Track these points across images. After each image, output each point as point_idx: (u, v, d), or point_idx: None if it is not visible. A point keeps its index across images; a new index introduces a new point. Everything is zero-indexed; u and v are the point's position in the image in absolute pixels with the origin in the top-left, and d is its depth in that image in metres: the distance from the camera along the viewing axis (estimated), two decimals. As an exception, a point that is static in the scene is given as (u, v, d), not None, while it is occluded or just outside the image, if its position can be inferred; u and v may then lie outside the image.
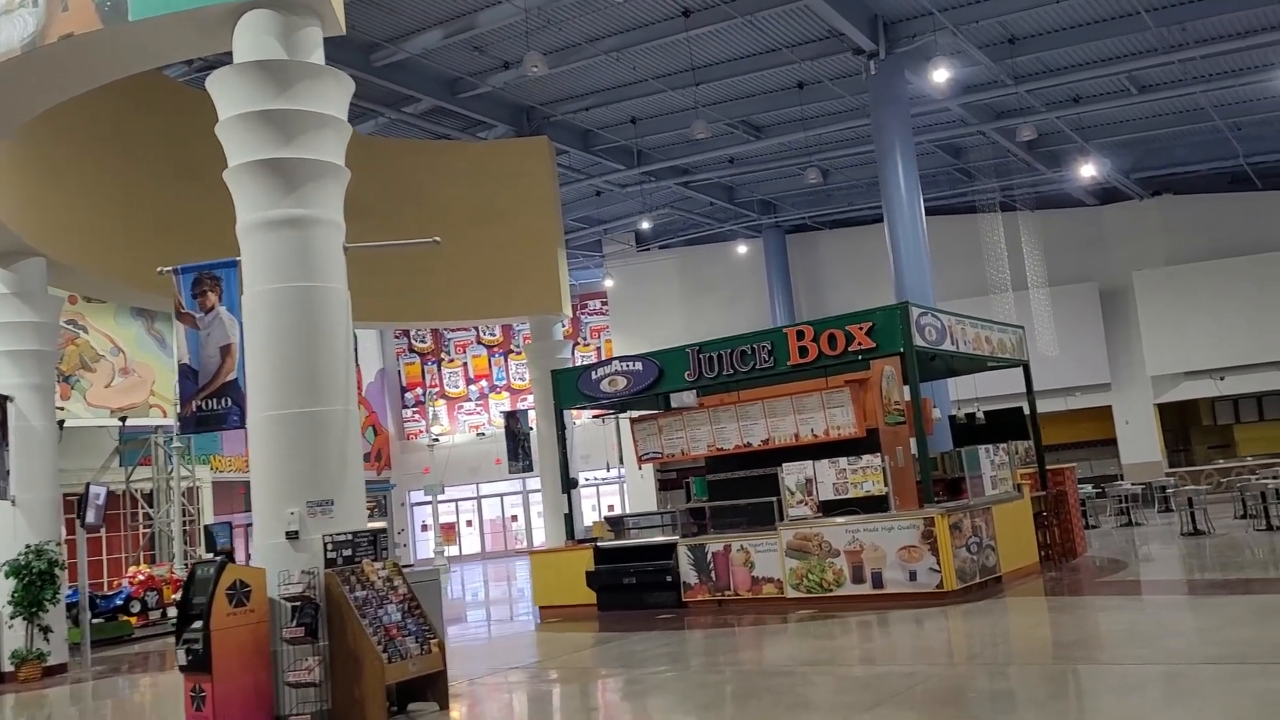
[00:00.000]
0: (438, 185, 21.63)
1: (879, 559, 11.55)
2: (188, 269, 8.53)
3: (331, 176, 8.40)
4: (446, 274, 21.48)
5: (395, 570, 8.25)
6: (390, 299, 21.25)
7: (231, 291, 8.40)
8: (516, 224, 21.92)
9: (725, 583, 12.61)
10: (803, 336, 12.58)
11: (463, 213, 21.83)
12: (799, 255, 30.88)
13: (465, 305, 22.18)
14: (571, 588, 13.89)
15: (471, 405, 37.06)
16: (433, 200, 21.62)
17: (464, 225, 21.78)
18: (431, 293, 21.53)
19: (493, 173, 21.87)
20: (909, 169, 18.30)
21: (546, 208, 22.22)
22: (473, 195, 21.85)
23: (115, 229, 15.19)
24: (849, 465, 12.09)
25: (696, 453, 14.06)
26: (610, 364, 14.27)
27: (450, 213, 21.77)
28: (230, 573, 7.58)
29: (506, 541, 36.48)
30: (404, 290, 21.27)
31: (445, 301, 21.86)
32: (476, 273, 21.64)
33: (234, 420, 8.30)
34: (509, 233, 21.86)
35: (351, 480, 8.18)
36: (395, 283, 21.09)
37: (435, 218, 21.66)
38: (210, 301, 8.46)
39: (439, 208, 21.68)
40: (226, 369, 8.36)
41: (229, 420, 8.33)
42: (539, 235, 22.08)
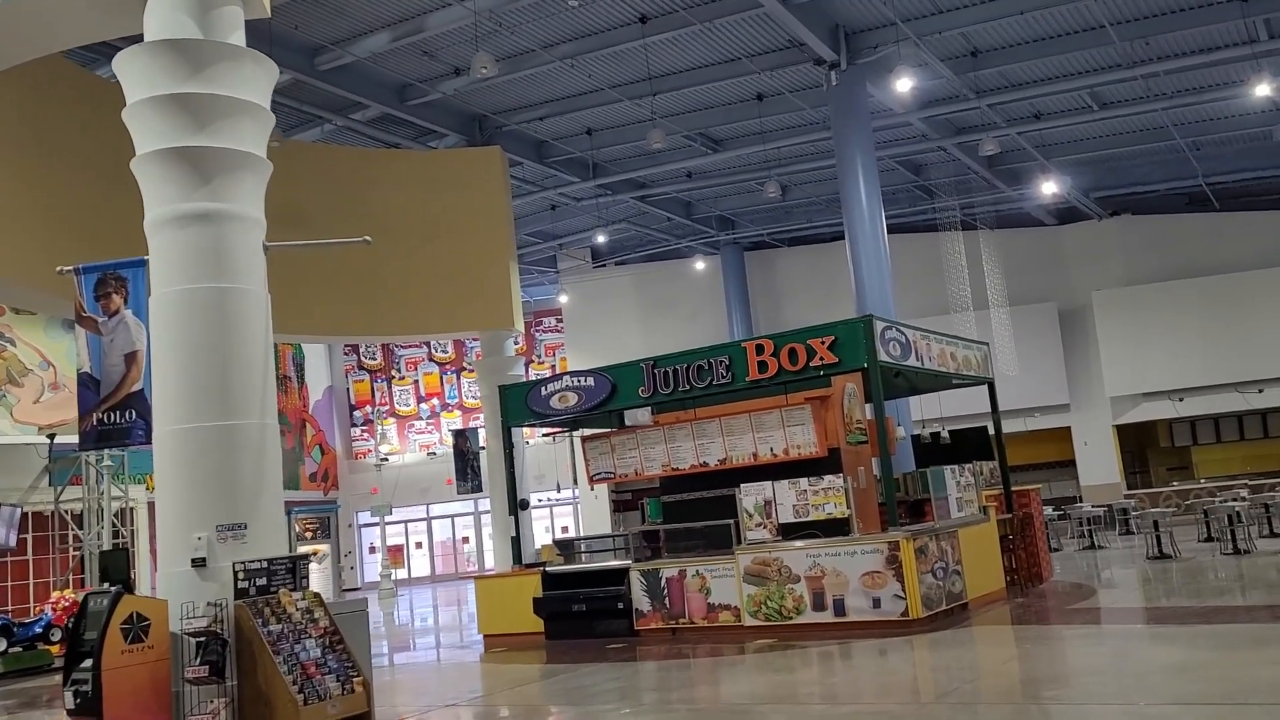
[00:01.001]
0: (385, 195, 20.91)
1: (841, 585, 10.95)
2: (90, 268, 7.76)
3: (250, 168, 7.69)
4: (395, 287, 20.75)
5: (316, 601, 7.50)
6: (336, 312, 20.48)
7: (139, 293, 7.65)
8: (467, 236, 21.25)
9: (680, 610, 11.96)
10: (762, 351, 12.00)
11: (412, 224, 21.13)
12: (758, 273, 30.46)
13: (414, 320, 21.43)
14: (518, 615, 13.16)
15: (422, 424, 36.15)
16: (380, 210, 20.87)
17: (413, 237, 21.08)
18: (379, 306, 20.78)
19: (443, 183, 21.21)
20: (870, 181, 17.88)
21: (499, 219, 21.58)
22: (422, 206, 21.17)
23: (35, 234, 14.30)
24: (810, 486, 11.50)
25: (651, 473, 13.41)
26: (561, 379, 13.59)
27: (399, 223, 21.05)
28: (126, 604, 6.79)
29: (458, 564, 35.57)
30: (351, 303, 20.51)
31: (394, 316, 21.10)
32: (426, 286, 20.93)
33: (139, 435, 7.53)
34: (460, 245, 21.18)
35: (268, 502, 7.43)
36: (342, 296, 20.34)
37: (382, 228, 20.87)
38: (115, 304, 7.70)
39: (386, 218, 20.94)
40: (131, 378, 7.59)
41: (133, 435, 7.55)
42: (491, 248, 21.42)
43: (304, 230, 20.57)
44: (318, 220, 20.38)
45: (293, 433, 35.24)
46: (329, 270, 20.22)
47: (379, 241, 20.93)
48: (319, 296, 20.11)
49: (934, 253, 26.03)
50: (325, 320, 20.58)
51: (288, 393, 35.18)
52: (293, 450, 35.02)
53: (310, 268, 20.01)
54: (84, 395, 7.72)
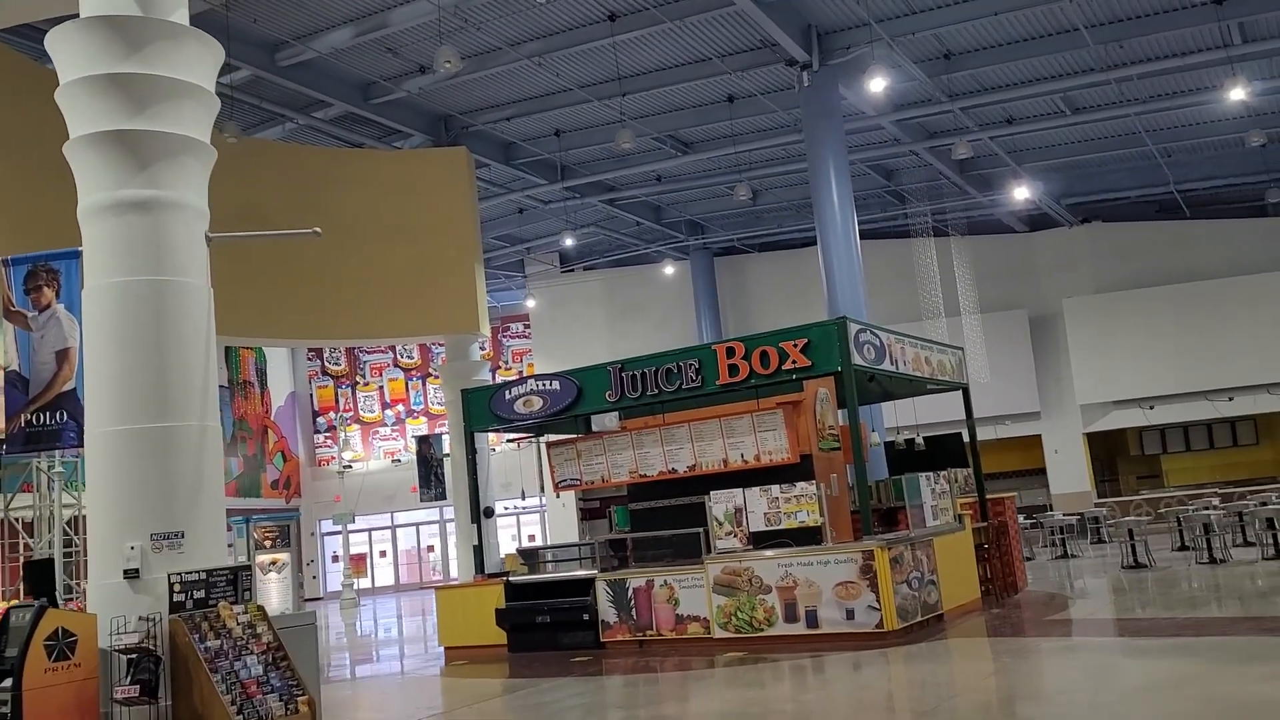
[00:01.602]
0: (348, 195, 20.44)
1: (814, 596, 10.60)
2: (19, 260, 7.28)
3: (192, 154, 7.23)
4: (358, 290, 20.27)
5: (259, 615, 7.04)
6: (297, 315, 19.97)
7: (72, 287, 7.18)
8: (433, 238, 20.82)
9: (647, 621, 11.56)
10: (733, 354, 11.64)
11: (376, 225, 20.67)
12: (727, 278, 30.17)
13: (378, 323, 20.95)
14: (480, 627, 12.72)
15: (387, 431, 35.54)
16: (343, 211, 20.40)
17: (377, 238, 20.61)
18: (342, 309, 20.28)
19: (408, 184, 20.77)
20: (843, 184, 17.61)
21: (464, 221, 21.15)
22: (386, 207, 20.71)
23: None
24: (782, 494, 11.15)
25: (618, 479, 13.01)
26: (525, 383, 13.17)
27: (362, 225, 20.59)
28: (51, 619, 6.30)
29: (422, 574, 34.97)
30: (312, 306, 20.01)
31: (356, 319, 20.61)
32: (390, 289, 20.47)
33: (70, 438, 7.05)
34: (425, 247, 20.74)
35: (208, 509, 6.97)
36: (303, 298, 19.84)
37: (346, 230, 20.46)
38: (46, 298, 7.22)
39: (350, 219, 20.48)
40: (63, 377, 7.11)
41: (64, 438, 7.07)
42: (456, 250, 20.99)
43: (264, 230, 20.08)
44: (278, 220, 19.86)
45: (254, 439, 34.52)
46: (290, 272, 19.71)
47: (341, 243, 20.66)
48: (279, 299, 19.60)
49: (905, 259, 25.84)
50: (285, 323, 20.05)
51: (249, 398, 34.48)
52: (254, 457, 34.32)
53: (271, 269, 19.50)
54: (11, 395, 7.22)
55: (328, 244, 20.56)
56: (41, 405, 7.15)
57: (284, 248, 19.74)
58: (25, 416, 7.13)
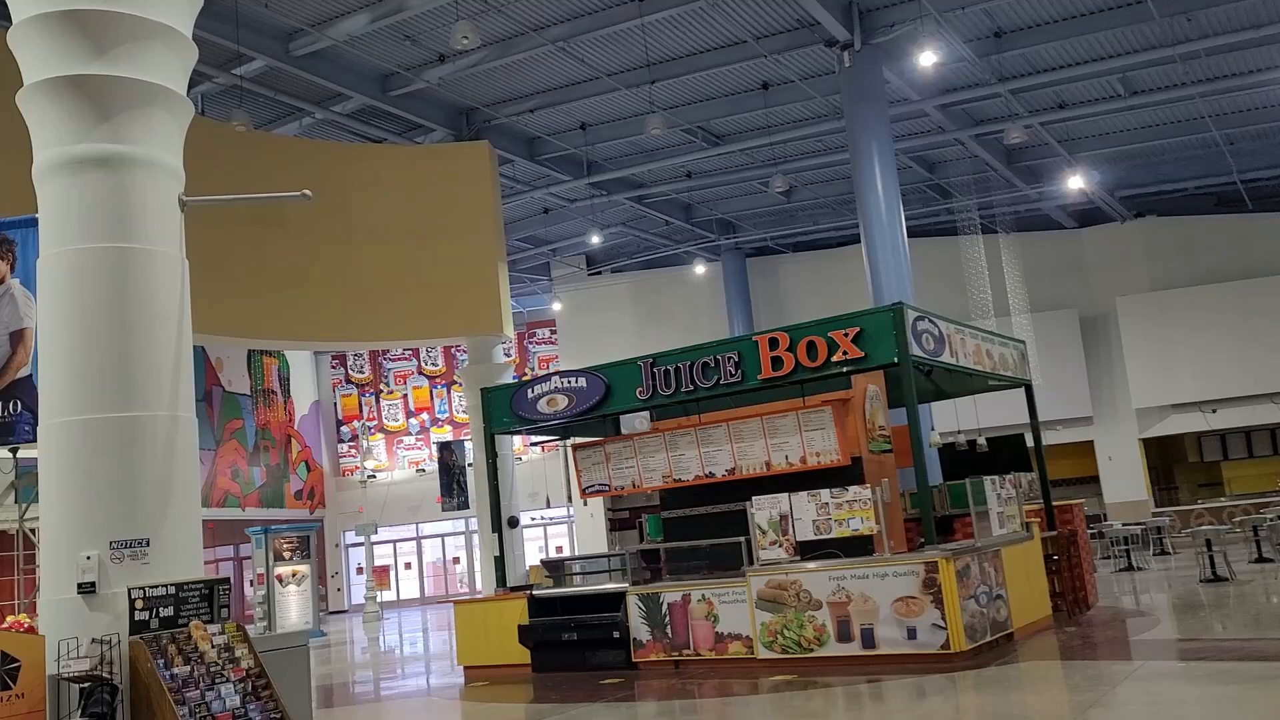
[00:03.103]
0: (368, 193, 19.58)
1: (870, 612, 9.52)
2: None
3: (162, 105, 6.30)
4: (377, 291, 19.40)
5: (238, 636, 6.06)
6: (316, 318, 19.12)
7: (29, 259, 6.27)
8: (454, 236, 19.92)
9: (684, 640, 10.52)
10: (776, 345, 10.61)
11: (395, 224, 19.80)
12: (760, 280, 29.10)
13: (398, 325, 20.05)
14: (502, 645, 11.73)
15: (411, 440, 34.72)
16: (362, 209, 19.56)
17: (397, 237, 19.75)
18: (361, 312, 19.41)
19: (429, 179, 19.89)
20: (887, 172, 16.53)
21: (487, 218, 20.24)
22: (407, 204, 19.84)
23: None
24: (833, 499, 10.08)
25: (650, 484, 11.99)
26: (549, 380, 12.19)
27: (382, 223, 19.73)
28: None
29: (448, 586, 34.11)
30: (331, 309, 19.16)
31: (376, 321, 19.73)
32: (410, 290, 19.58)
33: (25, 431, 6.14)
34: (446, 246, 19.84)
35: (179, 513, 6.01)
36: (320, 300, 18.99)
37: (364, 228, 19.63)
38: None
39: (368, 217, 19.63)
40: (17, 362, 6.20)
41: (18, 431, 6.15)
42: (479, 248, 20.07)
43: (281, 229, 19.30)
44: (295, 219, 19.07)
45: (277, 448, 33.82)
46: (309, 274, 18.89)
47: (361, 243, 19.78)
48: (297, 301, 18.76)
49: (949, 257, 24.68)
50: (303, 326, 19.20)
51: (272, 407, 33.80)
52: (277, 467, 33.60)
53: (289, 271, 18.69)
54: (-41, 383, 6.32)
55: (347, 244, 19.84)
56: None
57: (299, 246, 18.93)
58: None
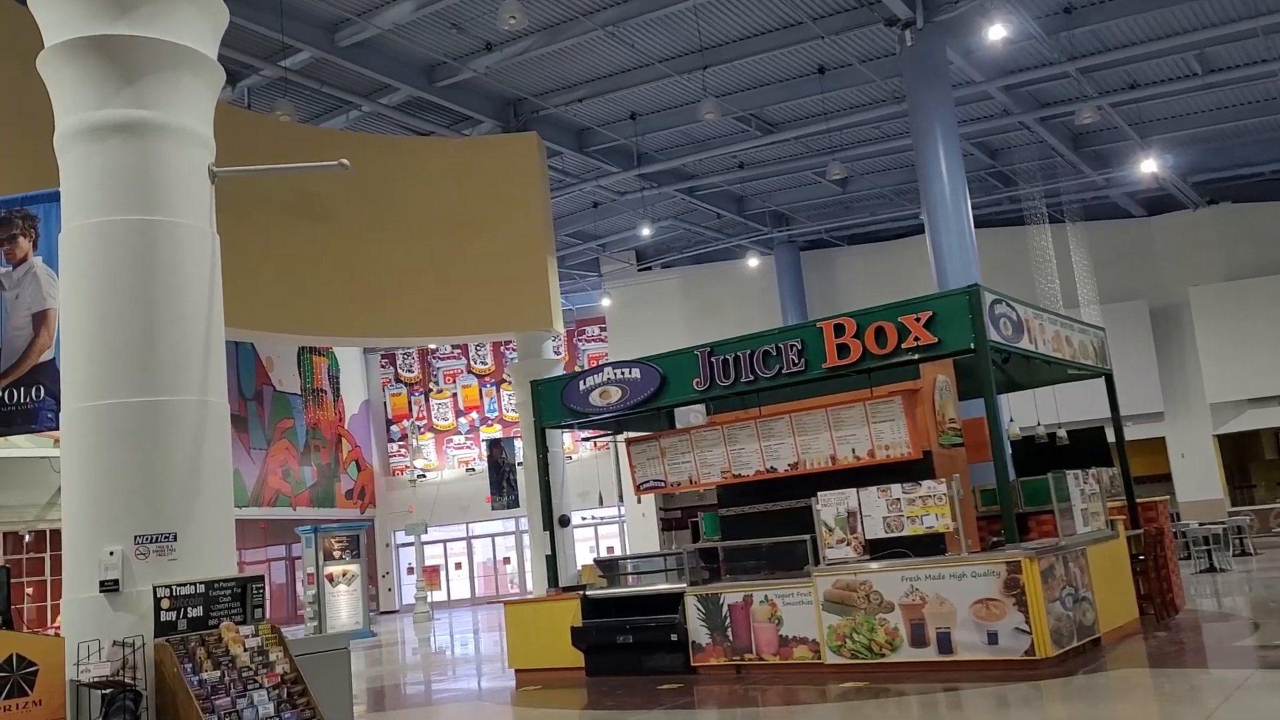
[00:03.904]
0: (414, 187, 19.26)
1: (947, 615, 8.89)
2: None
3: (189, 69, 5.87)
4: (424, 286, 19.05)
5: (273, 638, 5.62)
6: (363, 313, 18.82)
7: (52, 236, 5.88)
8: (503, 229, 19.52)
9: (745, 643, 9.96)
10: (842, 332, 10.00)
11: (443, 217, 19.46)
12: (815, 274, 28.37)
13: (446, 320, 19.70)
14: (554, 647, 11.25)
15: (461, 439, 34.48)
16: (409, 203, 19.24)
17: (444, 231, 19.40)
18: (409, 307, 19.09)
19: (476, 172, 19.51)
20: (952, 157, 15.83)
21: (536, 211, 19.81)
22: (454, 197, 19.49)
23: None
24: (905, 494, 9.46)
25: (708, 480, 11.45)
26: (601, 371, 11.69)
27: (429, 217, 19.40)
28: (1, 644, 4.94)
29: (499, 586, 33.82)
30: (378, 304, 18.86)
31: (424, 316, 19.39)
32: (458, 285, 19.21)
33: (47, 418, 5.74)
34: (495, 239, 19.45)
35: (208, 505, 5.58)
36: (367, 294, 18.69)
37: (411, 222, 19.31)
38: (21, 250, 5.93)
39: (416, 211, 19.31)
40: (40, 345, 5.81)
41: (40, 417, 5.77)
42: (527, 242, 19.65)
43: (327, 222, 19.04)
44: (342, 213, 18.80)
45: (328, 448, 33.76)
46: (354, 268, 18.60)
47: (408, 237, 19.43)
48: (343, 296, 18.47)
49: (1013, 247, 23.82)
50: (351, 322, 18.92)
51: (322, 406, 33.75)
52: (328, 466, 33.54)
53: (336, 266, 18.41)
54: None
55: (395, 238, 19.53)
56: (14, 380, 5.87)
57: (345, 241, 18.64)
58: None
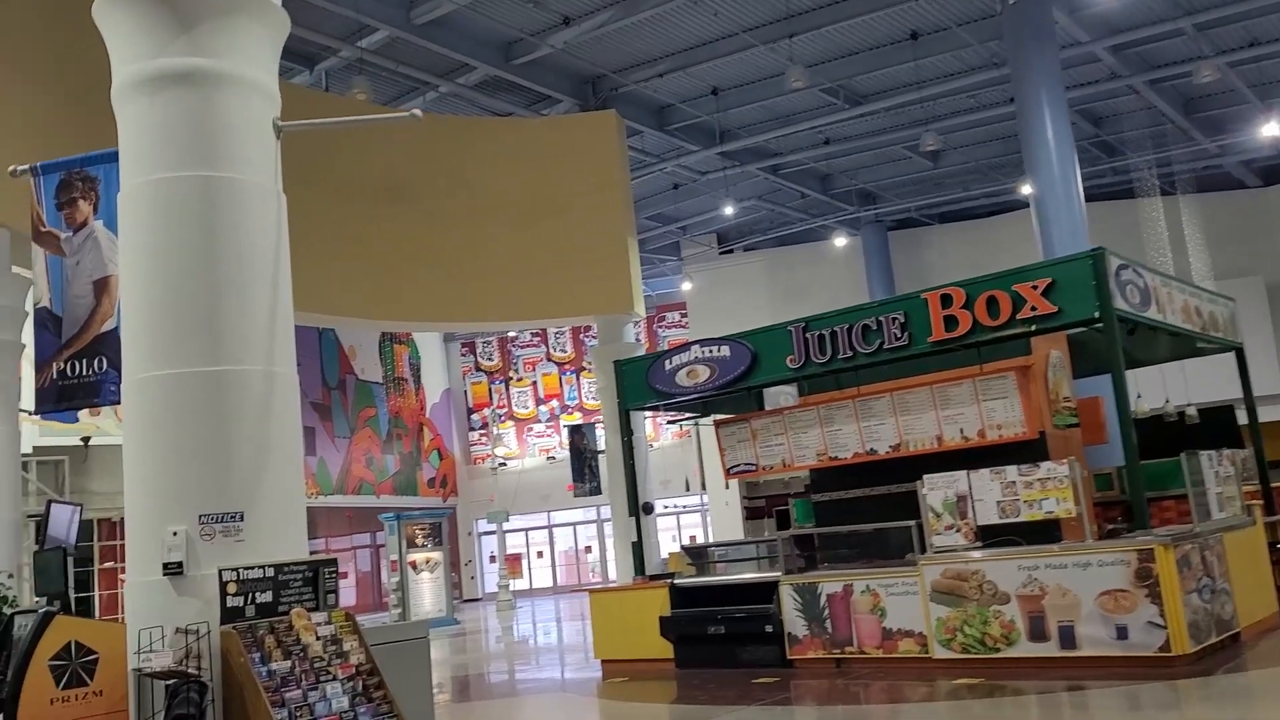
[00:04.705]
0: (492, 168, 18.90)
1: (1070, 608, 8.16)
2: (51, 166, 5.68)
3: (250, 14, 5.47)
4: (503, 270, 18.72)
5: (347, 626, 5.19)
6: (439, 296, 18.54)
7: (112, 198, 5.51)
8: (582, 210, 19.07)
9: (846, 636, 9.34)
10: (950, 303, 9.31)
11: (521, 199, 19.07)
12: (903, 254, 27.37)
13: (525, 305, 19.34)
14: (641, 637, 10.75)
15: (541, 427, 34.27)
16: (486, 185, 18.90)
17: (523, 213, 19.02)
18: (488, 291, 18.76)
19: (555, 152, 19.07)
20: (1059, 123, 14.89)
21: (616, 192, 19.31)
22: (532, 178, 19.09)
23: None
24: (1021, 477, 8.73)
25: (802, 463, 10.83)
26: (689, 349, 11.14)
27: (507, 199, 19.03)
28: (60, 630, 4.60)
29: (580, 575, 33.57)
30: (456, 287, 18.55)
31: (503, 301, 19.06)
32: (537, 268, 18.82)
33: (110, 392, 5.41)
34: (574, 221, 19.01)
35: (276, 482, 5.17)
36: (446, 278, 18.40)
37: (489, 204, 18.97)
38: (82, 213, 5.60)
39: (494, 193, 18.96)
40: (102, 313, 5.47)
41: (103, 392, 5.43)
42: (608, 223, 19.17)
43: (406, 205, 18.80)
44: (420, 196, 18.54)
45: (410, 436, 33.85)
46: (433, 252, 18.33)
47: (486, 220, 19.10)
48: (422, 281, 18.21)
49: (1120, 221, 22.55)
50: (430, 306, 18.68)
51: (404, 395, 33.85)
52: (410, 454, 33.63)
53: (414, 250, 18.16)
54: (42, 339, 5.64)
55: (473, 221, 19.22)
56: (77, 351, 5.55)
57: (423, 223, 18.37)
58: (58, 365, 5.55)
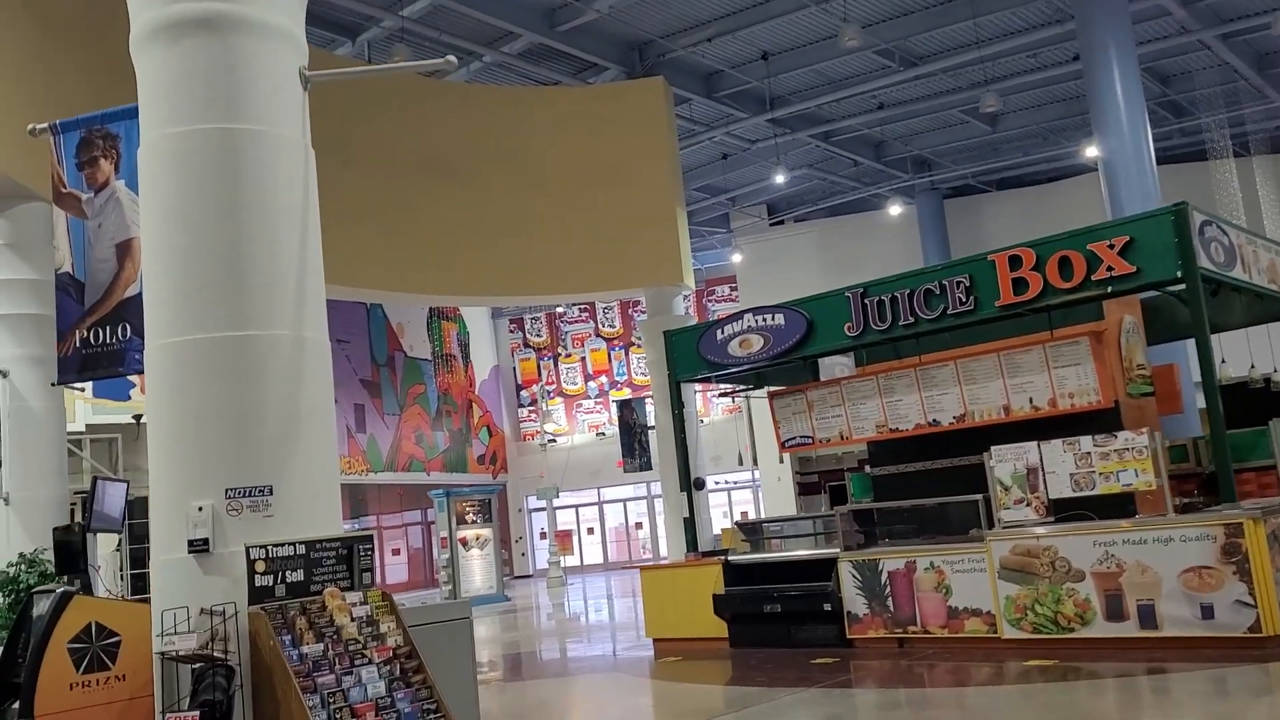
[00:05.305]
0: (537, 139, 18.54)
1: (1150, 585, 7.68)
2: (70, 124, 5.41)
3: (276, -46, 5.13)
4: (550, 242, 18.38)
5: (384, 607, 4.89)
6: (486, 269, 18.24)
7: (133, 156, 5.22)
8: (630, 181, 18.66)
9: (909, 614, 8.93)
10: (1019, 264, 8.81)
11: (568, 169, 18.70)
12: (960, 223, 26.61)
13: (572, 277, 18.99)
14: (694, 615, 10.44)
15: (590, 403, 34.04)
16: (531, 156, 18.54)
17: (570, 184, 18.64)
18: (534, 264, 18.43)
19: (601, 122, 18.66)
20: (1129, 80, 14.20)
21: (664, 161, 18.87)
22: (579, 149, 18.70)
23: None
24: (1097, 447, 8.23)
25: (861, 436, 10.39)
26: (741, 318, 10.72)
27: (554, 170, 18.67)
28: (79, 611, 4.34)
29: (631, 551, 33.37)
30: (503, 260, 18.24)
31: (549, 274, 18.72)
32: (584, 239, 18.46)
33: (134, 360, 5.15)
34: (622, 191, 18.60)
35: (308, 454, 4.87)
36: (492, 251, 18.09)
37: (535, 176, 18.61)
38: (103, 174, 5.32)
39: (541, 164, 18.60)
40: (125, 278, 5.20)
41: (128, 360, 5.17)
42: (656, 193, 18.73)
43: (451, 178, 18.50)
44: (465, 169, 18.22)
45: (459, 413, 33.79)
46: (477, 225, 18.03)
47: (531, 191, 18.73)
48: (469, 254, 17.91)
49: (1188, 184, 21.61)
50: (477, 280, 18.39)
51: (453, 371, 33.78)
52: (459, 432, 33.58)
53: (459, 223, 17.87)
54: (64, 305, 5.39)
55: (519, 193, 18.89)
56: (100, 318, 5.29)
57: (468, 196, 18.06)
58: (80, 333, 5.29)
